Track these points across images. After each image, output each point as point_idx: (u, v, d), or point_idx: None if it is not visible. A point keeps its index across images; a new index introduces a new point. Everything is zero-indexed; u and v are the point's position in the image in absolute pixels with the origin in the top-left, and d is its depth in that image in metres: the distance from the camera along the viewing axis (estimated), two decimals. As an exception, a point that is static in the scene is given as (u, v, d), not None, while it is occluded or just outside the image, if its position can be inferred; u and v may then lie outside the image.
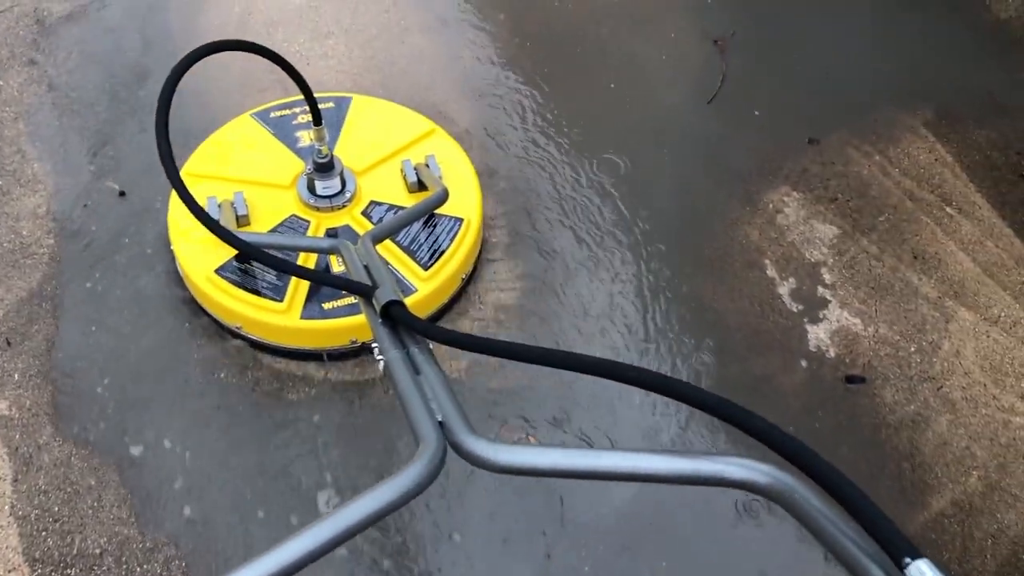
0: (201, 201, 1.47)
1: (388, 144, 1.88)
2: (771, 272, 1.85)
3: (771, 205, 1.99)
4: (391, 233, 1.56)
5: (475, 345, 0.93)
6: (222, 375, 1.63)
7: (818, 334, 1.76)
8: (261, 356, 1.66)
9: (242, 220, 1.68)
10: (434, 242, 1.71)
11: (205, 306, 1.68)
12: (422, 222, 1.74)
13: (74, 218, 1.85)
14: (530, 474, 0.78)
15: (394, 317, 1.06)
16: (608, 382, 0.88)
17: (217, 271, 1.62)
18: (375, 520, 0.77)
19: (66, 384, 1.59)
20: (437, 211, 1.73)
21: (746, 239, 1.92)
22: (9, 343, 1.64)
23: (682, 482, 0.74)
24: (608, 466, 0.75)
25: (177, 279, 1.75)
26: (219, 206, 1.69)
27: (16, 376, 1.60)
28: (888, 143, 2.14)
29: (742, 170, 2.07)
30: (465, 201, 1.78)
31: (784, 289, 1.81)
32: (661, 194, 2.00)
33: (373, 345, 1.06)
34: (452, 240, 1.71)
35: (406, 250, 1.69)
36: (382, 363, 1.03)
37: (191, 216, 1.24)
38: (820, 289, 1.83)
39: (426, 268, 1.66)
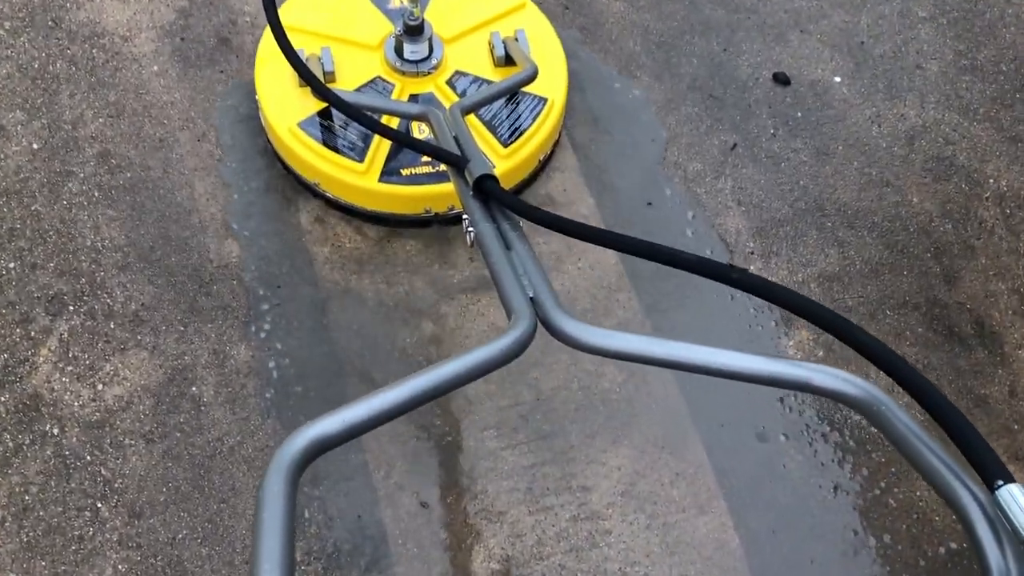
0: None
1: (478, 14, 1.82)
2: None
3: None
4: (480, 106, 1.54)
5: (567, 228, 0.92)
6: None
7: None
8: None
9: (328, 76, 1.67)
10: (516, 120, 1.69)
11: (285, 159, 1.69)
12: (505, 99, 1.71)
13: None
14: (617, 357, 0.80)
15: (486, 191, 1.06)
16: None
17: (300, 124, 1.63)
18: (465, 382, 0.80)
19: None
20: (521, 88, 1.70)
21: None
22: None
23: (768, 383, 0.75)
24: (695, 359, 0.77)
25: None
26: (306, 60, 1.67)
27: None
28: None
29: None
30: (551, 80, 1.74)
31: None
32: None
33: (463, 216, 1.07)
34: (534, 120, 1.69)
35: (487, 125, 1.67)
36: (471, 234, 1.05)
37: (279, 68, 1.21)
38: None
39: (506, 145, 1.65)
